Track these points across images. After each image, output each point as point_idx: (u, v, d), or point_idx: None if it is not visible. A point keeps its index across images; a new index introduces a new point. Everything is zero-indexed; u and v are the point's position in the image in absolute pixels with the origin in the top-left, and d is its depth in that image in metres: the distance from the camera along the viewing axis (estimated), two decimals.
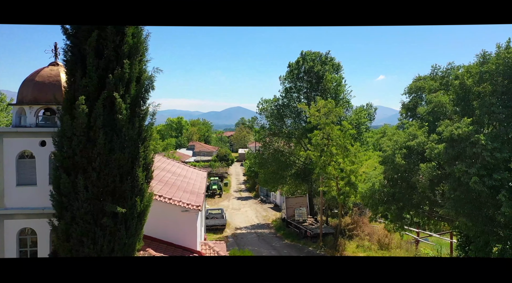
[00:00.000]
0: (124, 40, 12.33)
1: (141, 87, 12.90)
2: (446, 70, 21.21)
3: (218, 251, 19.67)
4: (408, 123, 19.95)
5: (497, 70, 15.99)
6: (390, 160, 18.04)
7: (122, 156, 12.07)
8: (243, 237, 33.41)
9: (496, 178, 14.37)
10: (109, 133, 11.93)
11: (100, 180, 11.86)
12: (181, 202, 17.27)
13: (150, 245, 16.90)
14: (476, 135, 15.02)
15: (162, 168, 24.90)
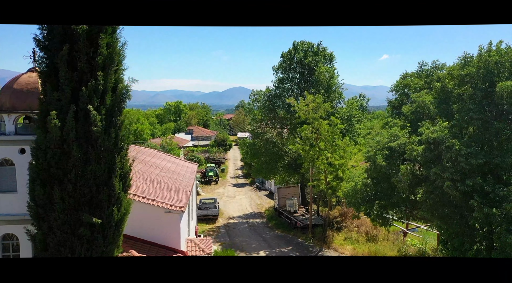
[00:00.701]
0: (98, 52, 12.33)
1: (117, 97, 12.97)
2: (431, 68, 21.11)
3: (204, 248, 20.07)
4: (392, 121, 20.01)
5: (477, 73, 15.95)
6: (372, 161, 18.21)
7: (98, 167, 12.27)
8: (235, 227, 33.91)
9: (468, 184, 14.57)
10: (84, 145, 12.09)
11: (76, 191, 12.09)
12: (164, 204, 17.54)
13: (134, 245, 17.30)
14: (451, 140, 15.12)
15: (151, 164, 25.16)
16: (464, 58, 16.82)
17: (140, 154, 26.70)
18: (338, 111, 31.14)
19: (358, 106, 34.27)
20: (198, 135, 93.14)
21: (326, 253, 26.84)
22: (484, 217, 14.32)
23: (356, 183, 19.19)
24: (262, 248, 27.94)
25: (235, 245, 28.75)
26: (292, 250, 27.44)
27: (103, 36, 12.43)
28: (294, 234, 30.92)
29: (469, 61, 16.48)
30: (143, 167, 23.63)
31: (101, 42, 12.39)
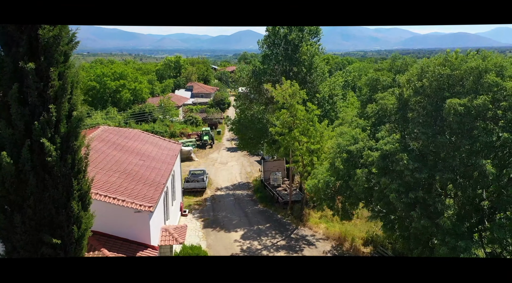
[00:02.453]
0: (50, 84, 12.85)
1: (73, 123, 13.66)
2: (401, 64, 21.07)
3: (177, 238, 21.54)
4: (357, 121, 20.43)
5: (430, 86, 16.16)
6: (332, 163, 18.97)
7: (55, 192, 13.25)
8: (221, 200, 35.48)
9: (411, 196, 15.39)
10: (41, 173, 13.00)
11: (36, 214, 13.18)
12: (134, 204, 18.71)
13: (107, 242, 18.74)
14: (400, 154, 15.73)
15: (132, 150, 26.14)
16: (422, 68, 16.90)
17: (122, 139, 27.65)
18: (319, 91, 31.30)
19: (342, 82, 34.27)
20: (198, 92, 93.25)
21: (301, 231, 28.39)
22: (422, 228, 15.30)
23: (319, 181, 20.11)
24: (242, 225, 29.55)
25: (217, 221, 30.41)
26: (269, 228, 29.03)
27: (54, 69, 12.87)
28: (275, 210, 32.42)
29: (425, 72, 16.60)
30: (123, 155, 24.64)
31: (52, 75, 12.87)
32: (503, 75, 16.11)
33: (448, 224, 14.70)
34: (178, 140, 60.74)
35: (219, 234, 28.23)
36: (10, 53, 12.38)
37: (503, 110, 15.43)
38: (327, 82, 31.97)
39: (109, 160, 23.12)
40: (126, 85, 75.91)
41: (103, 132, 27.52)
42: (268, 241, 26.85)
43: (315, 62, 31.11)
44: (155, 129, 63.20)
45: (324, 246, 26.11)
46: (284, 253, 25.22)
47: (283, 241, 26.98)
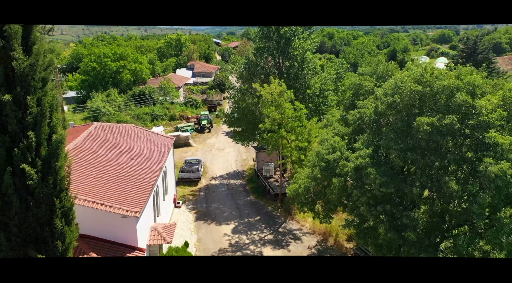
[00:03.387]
0: (28, 112, 13.46)
1: (53, 145, 14.32)
2: (382, 70, 21.22)
3: (165, 237, 22.55)
4: (338, 127, 20.86)
5: (402, 102, 16.50)
6: (311, 170, 19.59)
7: (39, 211, 14.09)
8: (215, 190, 36.44)
9: (379, 210, 16.06)
10: (23, 195, 13.80)
11: (21, 232, 14.09)
12: (120, 209, 19.59)
13: (96, 245, 19.76)
14: (370, 168, 16.28)
15: (123, 149, 26.87)
16: (396, 83, 17.15)
17: (115, 136, 28.36)
18: (310, 87, 31.49)
19: (334, 76, 34.33)
20: (199, 72, 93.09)
21: (289, 225, 29.36)
22: (390, 240, 16.05)
23: (299, 186, 20.79)
24: (233, 218, 30.57)
25: (209, 213, 31.44)
26: (259, 221, 30.01)
27: (31, 97, 13.43)
28: (266, 202, 33.34)
29: (399, 87, 16.88)
30: (114, 155, 25.42)
31: (30, 102, 13.44)
32: (474, 94, 16.39)
33: (412, 237, 15.41)
34: (177, 124, 61.53)
35: (209, 227, 29.30)
36: None
37: (470, 128, 15.82)
38: (318, 77, 32.09)
39: (100, 160, 23.90)
40: (126, 66, 76.05)
41: (96, 129, 28.22)
42: (256, 236, 27.88)
43: (307, 58, 31.17)
44: (155, 112, 63.86)
45: (310, 241, 27.10)
46: (270, 248, 26.27)
47: (270, 235, 27.99)
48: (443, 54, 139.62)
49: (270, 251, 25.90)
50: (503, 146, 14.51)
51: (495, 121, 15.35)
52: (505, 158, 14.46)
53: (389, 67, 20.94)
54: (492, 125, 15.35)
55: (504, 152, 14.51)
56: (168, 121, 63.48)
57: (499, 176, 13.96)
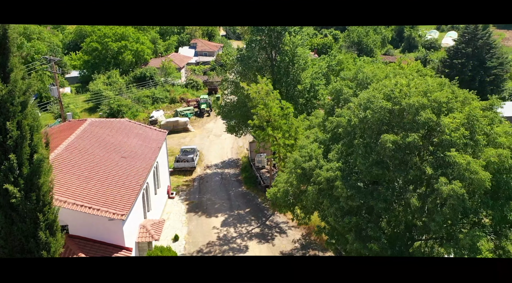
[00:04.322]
0: (8, 136, 14.35)
1: (35, 164, 15.28)
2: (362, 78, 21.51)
3: (153, 235, 23.81)
4: (316, 134, 21.46)
5: (373, 117, 17.02)
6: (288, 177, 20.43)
7: (23, 225, 15.25)
8: (208, 180, 37.52)
9: (346, 221, 16.93)
10: (8, 211, 14.92)
11: (8, 243, 15.31)
12: (107, 212, 20.71)
13: (86, 245, 21.02)
14: (337, 182, 17.04)
15: (115, 146, 27.83)
16: (368, 98, 17.61)
17: (108, 132, 29.29)
18: (301, 82, 31.82)
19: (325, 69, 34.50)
20: (202, 50, 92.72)
21: (276, 217, 30.48)
22: (356, 251, 16.99)
23: (279, 190, 21.67)
24: (223, 210, 31.75)
25: (201, 205, 32.64)
26: (248, 213, 31.16)
27: (10, 122, 14.28)
28: (257, 193, 34.39)
29: (371, 102, 17.36)
30: (105, 154, 26.43)
31: (10, 127, 14.32)
32: (440, 111, 16.85)
33: (375, 248, 16.34)
34: (177, 107, 62.23)
35: (200, 219, 30.55)
36: None
37: (434, 146, 16.39)
38: (309, 71, 32.35)
39: (91, 160, 24.95)
40: (128, 46, 76.15)
41: (89, 126, 29.15)
42: (243, 229, 29.09)
43: (298, 53, 31.36)
44: (155, 95, 64.46)
45: (295, 234, 28.25)
46: (256, 242, 27.50)
47: (258, 228, 29.17)
48: (453, 28, 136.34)
49: (256, 245, 27.13)
50: (461, 165, 15.12)
51: (457, 140, 15.88)
52: (461, 177, 15.10)
53: (368, 74, 21.25)
54: (454, 144, 15.90)
55: (461, 171, 15.13)
56: (169, 104, 64.13)
57: (451, 195, 14.67)
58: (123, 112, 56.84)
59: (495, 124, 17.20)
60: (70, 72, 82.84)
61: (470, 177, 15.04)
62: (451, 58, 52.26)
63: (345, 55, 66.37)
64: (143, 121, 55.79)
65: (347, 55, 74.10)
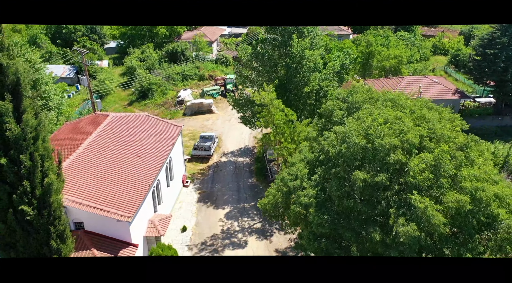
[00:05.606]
0: (22, 166, 17.03)
1: (46, 187, 18.01)
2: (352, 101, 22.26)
3: (159, 230, 26.73)
4: (306, 153, 22.81)
5: (348, 152, 18.23)
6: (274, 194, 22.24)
7: (38, 236, 18.29)
8: (223, 168, 39.93)
9: (315, 245, 18.72)
10: (24, 226, 17.92)
11: (26, 250, 18.46)
12: (116, 214, 23.61)
13: (99, 241, 24.18)
14: (311, 209, 18.68)
15: (132, 143, 30.49)
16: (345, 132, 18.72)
17: (126, 128, 31.91)
18: (308, 84, 32.59)
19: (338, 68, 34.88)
20: None
21: None
22: None
23: (269, 202, 23.55)
24: (231, 202, 34.22)
25: (212, 195, 35.25)
26: (252, 208, 33.43)
27: (24, 155, 16.89)
28: (265, 186, 36.39)
29: (348, 137, 18.51)
30: (121, 152, 29.19)
31: (23, 159, 16.96)
32: (411, 152, 17.81)
33: None
34: (205, 85, 64.18)
35: (208, 210, 33.26)
36: None
37: (400, 185, 17.56)
38: (317, 75, 33.00)
39: (108, 159, 27.80)
40: None
41: (110, 122, 31.88)
42: (246, 223, 31.54)
43: (306, 55, 31.99)
44: (185, 72, 66.50)
45: (292, 233, 30.37)
46: (255, 237, 29.94)
47: (259, 223, 31.53)
48: None
49: (254, 240, 29.59)
50: (419, 209, 16.35)
51: (421, 182, 16.98)
52: (419, 220, 16.37)
53: (357, 99, 22.04)
54: (418, 186, 17.02)
55: (419, 214, 16.39)
56: (198, 81, 66.14)
57: (406, 236, 16.07)
58: (153, 90, 59.66)
59: (464, 166, 17.99)
60: (109, 43, 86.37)
61: (427, 220, 16.31)
62: (484, 47, 50.15)
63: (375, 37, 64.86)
64: (171, 100, 58.68)
65: (382, 32, 72.11)
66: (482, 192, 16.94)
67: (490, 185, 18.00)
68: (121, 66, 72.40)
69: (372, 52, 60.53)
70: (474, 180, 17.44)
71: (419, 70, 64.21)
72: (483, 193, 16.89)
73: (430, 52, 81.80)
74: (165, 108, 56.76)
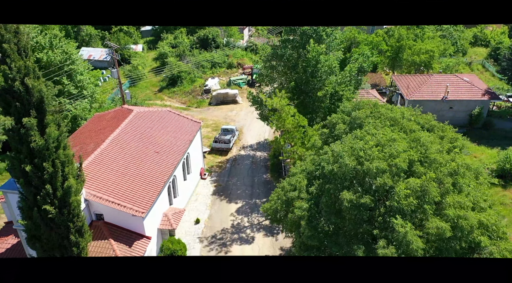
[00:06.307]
0: (45, 171, 19.32)
1: (65, 189, 20.32)
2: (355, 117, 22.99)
3: (172, 223, 29.00)
4: (307, 165, 23.96)
5: (338, 172, 19.32)
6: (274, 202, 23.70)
7: (59, 230, 20.78)
8: (240, 162, 41.64)
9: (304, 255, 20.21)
10: (48, 222, 20.40)
11: (49, 242, 21.03)
12: (131, 209, 25.95)
13: (116, 231, 26.71)
14: (302, 221, 20.05)
15: (152, 139, 32.65)
16: (338, 152, 19.75)
17: (148, 124, 34.06)
18: (322, 88, 33.27)
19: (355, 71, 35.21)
20: None
21: None
22: None
23: (271, 207, 25.06)
24: (243, 197, 36.01)
25: (227, 189, 37.16)
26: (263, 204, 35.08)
27: (46, 162, 19.14)
28: (278, 183, 37.96)
29: (341, 156, 19.56)
30: (141, 149, 31.41)
31: (46, 165, 19.23)
32: (399, 176, 18.70)
33: None
34: (233, 73, 65.47)
35: (222, 204, 35.25)
36: (16, 157, 18.87)
37: (385, 207, 18.59)
38: (332, 79, 33.57)
39: (128, 155, 30.10)
40: None
41: (134, 118, 34.12)
42: (255, 219, 33.33)
43: (321, 60, 32.58)
44: (214, 59, 67.94)
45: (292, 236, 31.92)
46: (262, 234, 31.72)
47: (268, 220, 33.18)
48: None
49: (261, 237, 31.38)
50: (400, 234, 17.42)
51: (405, 207, 17.95)
52: (399, 243, 17.46)
53: (360, 115, 22.80)
54: (403, 211, 18.02)
55: (399, 238, 17.46)
56: (226, 69, 67.50)
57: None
58: (183, 78, 61.69)
59: (451, 193, 18.71)
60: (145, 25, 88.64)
61: (406, 244, 17.38)
62: None
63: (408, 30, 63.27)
64: (199, 88, 60.53)
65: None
66: (464, 220, 17.71)
67: (476, 213, 18.73)
68: (154, 50, 74.72)
69: (403, 46, 59.43)
70: (458, 208, 18.19)
71: (451, 66, 62.57)
72: (465, 221, 17.66)
73: (469, 43, 78.83)
74: (192, 96, 58.70)
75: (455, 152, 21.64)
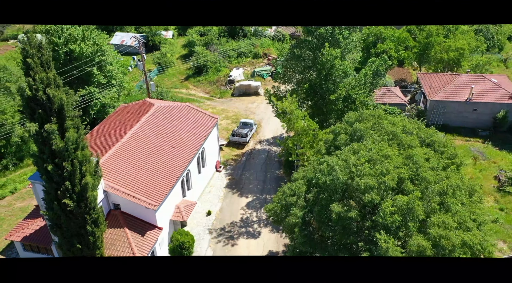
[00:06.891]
0: (64, 170, 21.53)
1: (83, 185, 22.52)
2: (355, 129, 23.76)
3: (183, 215, 31.09)
4: (307, 172, 25.09)
5: (331, 184, 20.45)
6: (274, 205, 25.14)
7: (77, 221, 23.14)
8: (255, 156, 43.11)
9: None
10: (67, 213, 22.76)
11: (69, 231, 23.44)
12: (145, 202, 28.10)
13: (130, 221, 29.04)
14: (295, 228, 21.42)
15: (169, 134, 34.60)
16: (332, 165, 20.81)
17: (168, 119, 36.00)
18: (336, 92, 33.88)
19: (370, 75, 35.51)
20: None
21: None
22: None
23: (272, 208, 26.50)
24: (254, 192, 37.63)
25: (239, 183, 38.84)
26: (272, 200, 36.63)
27: (66, 162, 21.31)
28: (289, 179, 39.26)
29: (334, 169, 20.66)
30: (158, 143, 33.43)
31: (65, 164, 21.43)
32: (387, 192, 19.66)
33: None
34: (258, 64, 66.34)
35: (233, 197, 37.04)
36: (40, 157, 21.14)
37: (371, 222, 19.69)
38: (347, 82, 34.09)
39: (146, 149, 32.19)
40: None
41: (154, 112, 36.10)
42: (264, 214, 34.90)
43: (336, 64, 33.14)
44: (240, 49, 68.93)
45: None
46: (268, 230, 33.35)
47: None
48: None
49: (267, 233, 33.04)
50: (382, 249, 18.56)
51: (389, 223, 19.00)
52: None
53: (361, 127, 23.57)
54: (387, 227, 19.08)
55: (381, 253, 18.62)
56: (252, 59, 68.41)
57: None
58: (208, 67, 63.24)
59: (438, 212, 19.54)
60: None
61: None
62: None
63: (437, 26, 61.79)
64: (224, 78, 61.95)
65: None
66: (446, 240, 18.59)
67: (460, 232, 19.51)
68: (184, 37, 76.35)
69: (431, 43, 58.28)
70: (442, 227, 19.04)
71: (482, 64, 60.82)
72: (446, 241, 18.55)
73: (507, 39, 75.88)
74: (217, 86, 60.25)
75: (452, 169, 22.21)
